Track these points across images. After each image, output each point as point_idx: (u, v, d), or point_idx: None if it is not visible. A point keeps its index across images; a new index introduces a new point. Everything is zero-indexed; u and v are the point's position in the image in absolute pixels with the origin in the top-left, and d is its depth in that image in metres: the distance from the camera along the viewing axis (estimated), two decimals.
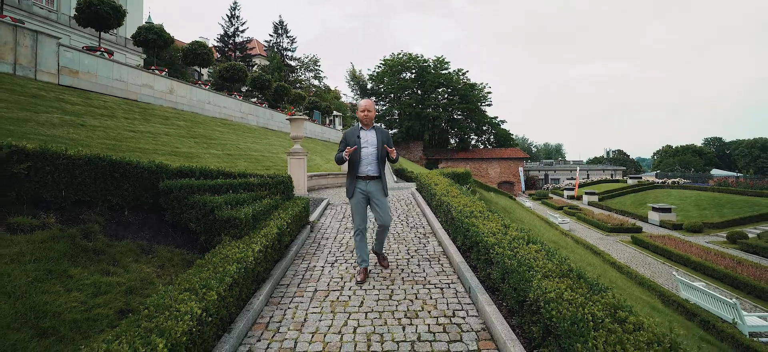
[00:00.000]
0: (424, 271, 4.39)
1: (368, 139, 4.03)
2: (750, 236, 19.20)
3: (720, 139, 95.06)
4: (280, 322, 3.29)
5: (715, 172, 59.95)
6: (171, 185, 4.21)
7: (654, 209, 26.83)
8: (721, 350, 7.87)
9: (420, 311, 3.42)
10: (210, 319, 2.61)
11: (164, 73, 17.93)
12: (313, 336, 3.05)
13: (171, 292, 2.72)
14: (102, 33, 17.09)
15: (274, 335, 3.08)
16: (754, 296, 11.80)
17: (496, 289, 3.45)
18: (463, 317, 3.30)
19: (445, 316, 3.32)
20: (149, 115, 14.43)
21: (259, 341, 3.01)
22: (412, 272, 4.36)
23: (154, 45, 20.06)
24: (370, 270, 4.37)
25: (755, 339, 8.48)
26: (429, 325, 3.18)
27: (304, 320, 3.32)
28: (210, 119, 18.58)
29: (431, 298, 3.68)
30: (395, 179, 16.64)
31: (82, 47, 14.94)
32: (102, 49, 15.23)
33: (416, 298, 3.68)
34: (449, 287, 3.93)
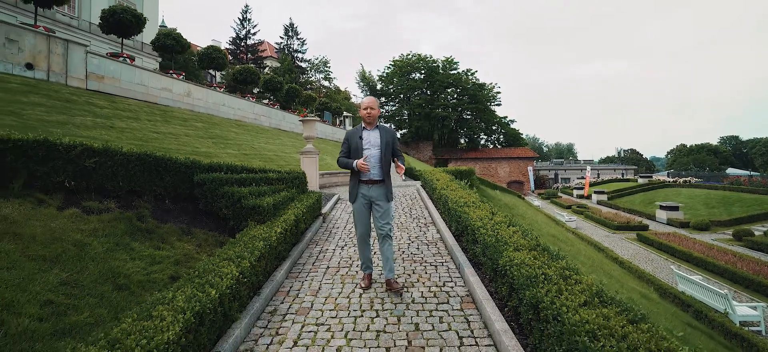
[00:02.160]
0: (422, 253, 5.02)
1: (371, 141, 3.79)
2: (756, 233, 19.32)
3: (737, 137, 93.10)
4: (299, 290, 3.97)
5: (730, 171, 59.13)
6: (204, 177, 4.93)
7: (662, 208, 26.94)
8: (711, 337, 8.31)
9: (416, 282, 4.06)
10: (245, 280, 3.29)
11: (181, 76, 18.83)
12: (325, 300, 3.71)
13: (214, 260, 3.41)
14: (122, 38, 18.03)
15: (294, 299, 3.75)
16: (752, 290, 12.11)
17: (480, 264, 4.07)
18: (452, 287, 3.92)
19: (436, 286, 3.96)
20: (169, 118, 15.24)
21: (282, 302, 3.68)
22: (411, 254, 5.00)
23: (172, 50, 21.04)
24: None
25: (745, 328, 8.89)
26: (422, 292, 3.81)
27: (319, 288, 3.99)
28: (225, 121, 19.39)
29: (426, 273, 4.32)
30: (403, 178, 17.26)
31: (106, 53, 15.86)
32: (124, 55, 16.15)
33: (413, 273, 4.32)
34: (442, 264, 4.56)
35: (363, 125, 3.92)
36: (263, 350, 2.88)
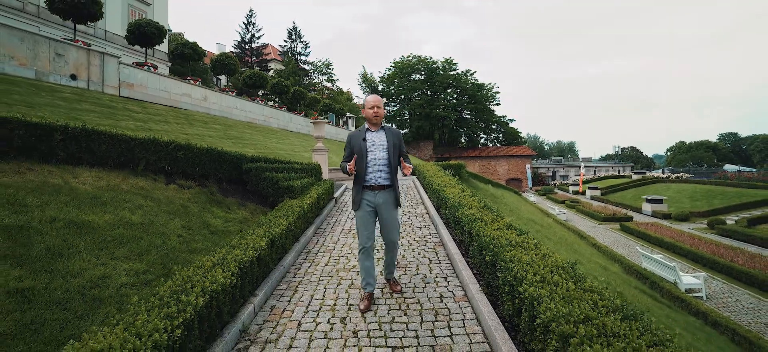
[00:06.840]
0: (412, 221, 6.75)
1: (377, 142, 3.49)
2: (728, 222, 20.95)
3: (735, 134, 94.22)
4: (324, 241, 5.71)
5: (728, 167, 60.44)
6: (251, 166, 6.68)
7: (647, 201, 28.55)
8: (655, 299, 9.98)
9: (406, 236, 5.79)
10: (291, 228, 5.03)
11: (198, 82, 20.57)
12: (343, 245, 5.45)
13: (269, 217, 5.15)
14: (145, 48, 19.76)
15: (321, 246, 5.49)
16: (708, 267, 13.78)
17: (449, 223, 5.80)
18: (429, 238, 5.66)
19: (419, 237, 5.69)
20: (192, 121, 16.94)
21: (313, 247, 5.43)
22: (404, 222, 6.73)
23: (190, 58, 22.86)
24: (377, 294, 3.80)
25: (689, 294, 10.57)
26: (409, 241, 5.55)
27: (337, 240, 5.73)
28: (239, 122, 21.11)
29: (413, 231, 6.05)
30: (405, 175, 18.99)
31: (132, 63, 17.59)
32: (148, 64, 17.90)
33: (404, 231, 6.05)
34: (425, 226, 6.30)
35: (366, 126, 3.59)
36: (306, 267, 4.63)
